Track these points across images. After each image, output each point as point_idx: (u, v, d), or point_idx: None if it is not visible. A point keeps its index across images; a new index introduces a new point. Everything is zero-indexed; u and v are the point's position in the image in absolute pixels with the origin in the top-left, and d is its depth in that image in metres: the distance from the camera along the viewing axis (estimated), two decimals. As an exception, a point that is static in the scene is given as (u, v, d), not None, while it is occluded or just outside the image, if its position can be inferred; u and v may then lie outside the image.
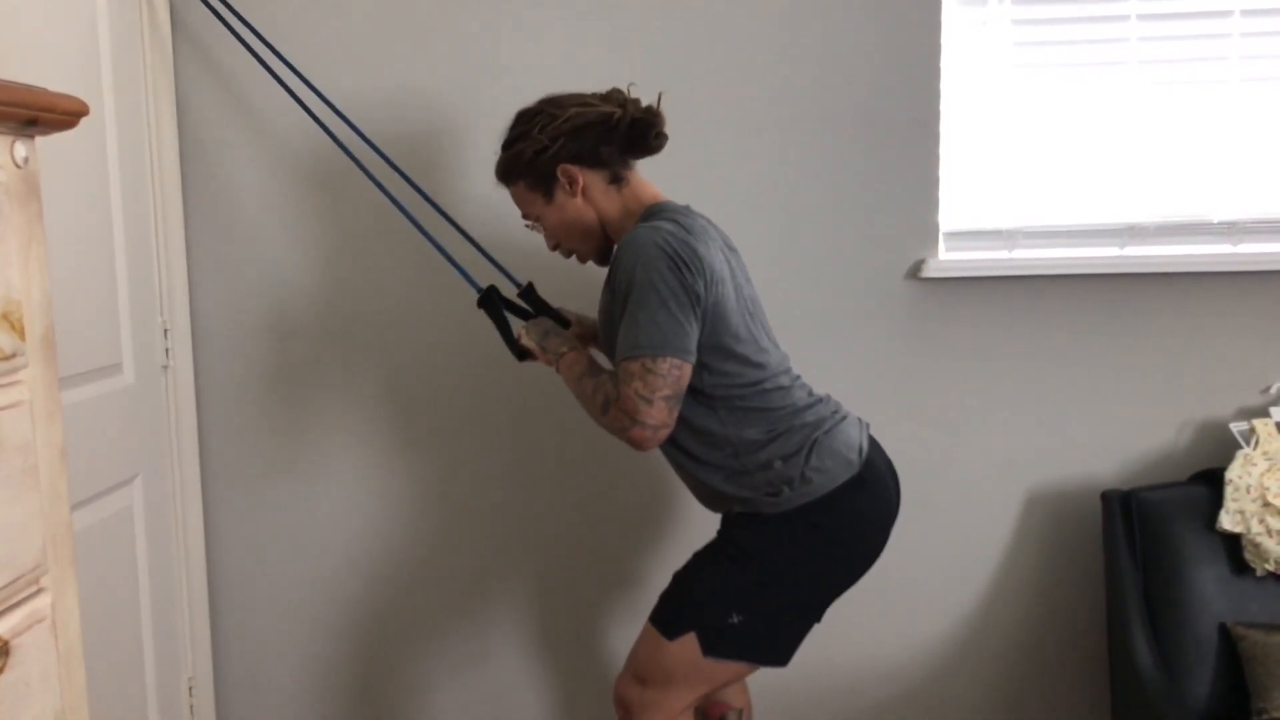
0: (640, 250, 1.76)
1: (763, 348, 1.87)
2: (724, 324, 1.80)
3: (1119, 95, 2.39)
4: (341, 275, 2.37)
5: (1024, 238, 2.42)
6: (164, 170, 2.30)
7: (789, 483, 1.82)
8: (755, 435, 1.84)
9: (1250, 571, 2.23)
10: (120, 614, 2.12)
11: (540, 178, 1.91)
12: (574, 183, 1.90)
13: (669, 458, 1.96)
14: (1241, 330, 2.39)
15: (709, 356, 1.81)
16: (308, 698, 2.53)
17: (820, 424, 1.86)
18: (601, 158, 1.90)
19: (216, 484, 2.46)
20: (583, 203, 1.92)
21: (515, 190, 1.97)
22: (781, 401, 1.86)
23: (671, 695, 1.89)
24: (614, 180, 1.92)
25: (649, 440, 1.77)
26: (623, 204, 1.93)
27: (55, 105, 1.11)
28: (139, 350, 2.19)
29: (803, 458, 1.82)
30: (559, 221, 1.94)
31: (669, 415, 1.76)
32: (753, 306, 1.90)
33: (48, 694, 1.10)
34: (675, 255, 1.74)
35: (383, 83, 2.35)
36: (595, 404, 1.83)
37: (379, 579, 2.50)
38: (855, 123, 2.36)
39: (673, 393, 1.75)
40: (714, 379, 1.82)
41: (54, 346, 1.15)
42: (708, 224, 1.89)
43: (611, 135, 1.89)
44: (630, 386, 1.74)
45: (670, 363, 1.73)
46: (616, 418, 1.78)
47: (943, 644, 2.50)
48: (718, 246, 1.84)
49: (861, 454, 1.87)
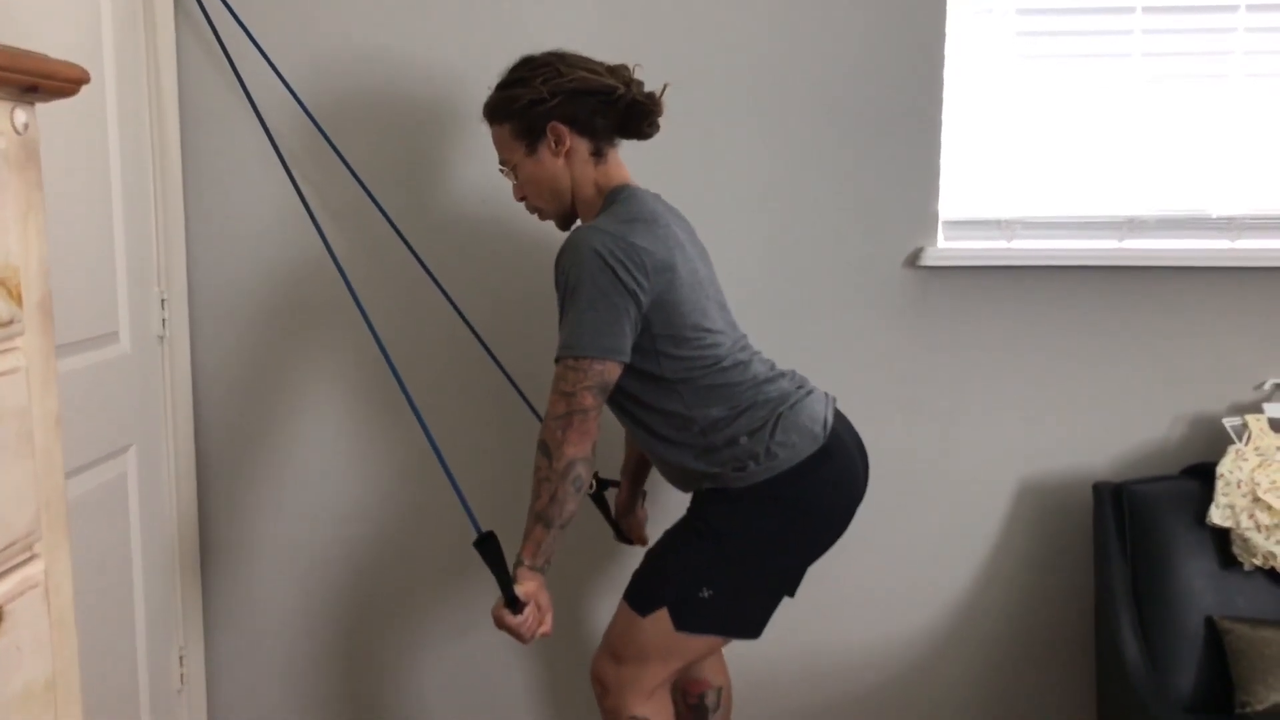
0: (576, 254, 1.78)
1: (718, 329, 1.88)
2: (675, 310, 1.82)
3: (1122, 88, 2.38)
4: (339, 247, 2.37)
5: (1023, 228, 2.42)
6: (164, 139, 2.29)
7: (754, 457, 1.84)
8: (720, 412, 1.86)
9: (1238, 566, 2.24)
10: (112, 583, 2.13)
11: (528, 128, 1.90)
12: (561, 143, 1.90)
13: (641, 443, 1.98)
14: (1237, 326, 2.40)
15: (664, 344, 1.83)
16: (298, 668, 2.54)
17: (785, 398, 1.88)
18: (594, 127, 1.91)
19: (210, 454, 2.46)
20: (563, 165, 1.92)
21: (498, 132, 1.95)
22: (741, 376, 1.88)
23: (647, 671, 1.92)
24: (596, 153, 1.93)
25: (589, 422, 1.77)
26: (595, 180, 1.94)
27: (56, 72, 1.11)
28: (135, 320, 2.19)
29: (768, 432, 1.85)
30: (533, 176, 1.94)
31: (595, 401, 1.78)
32: (710, 289, 1.91)
33: (39, 660, 1.11)
34: (610, 256, 1.76)
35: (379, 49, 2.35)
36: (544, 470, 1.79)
37: (369, 550, 2.50)
38: (857, 110, 2.36)
39: (596, 385, 1.78)
40: (672, 364, 1.85)
41: (51, 314, 1.15)
42: (659, 209, 1.89)
43: (609, 109, 1.90)
44: (557, 389, 1.79)
45: (593, 362, 1.77)
46: (554, 427, 1.78)
47: (931, 632, 2.51)
48: (668, 233, 1.85)
49: (826, 428, 1.88)
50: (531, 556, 1.81)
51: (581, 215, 1.97)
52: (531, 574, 1.81)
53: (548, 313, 2.33)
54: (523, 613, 1.79)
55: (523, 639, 1.81)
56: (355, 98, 2.36)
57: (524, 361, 2.36)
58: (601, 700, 1.98)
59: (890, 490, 2.44)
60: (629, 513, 2.30)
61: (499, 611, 1.80)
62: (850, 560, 2.42)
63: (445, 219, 2.39)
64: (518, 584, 1.80)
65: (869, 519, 2.41)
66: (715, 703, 2.14)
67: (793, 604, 1.97)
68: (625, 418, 1.96)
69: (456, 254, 2.40)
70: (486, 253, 2.40)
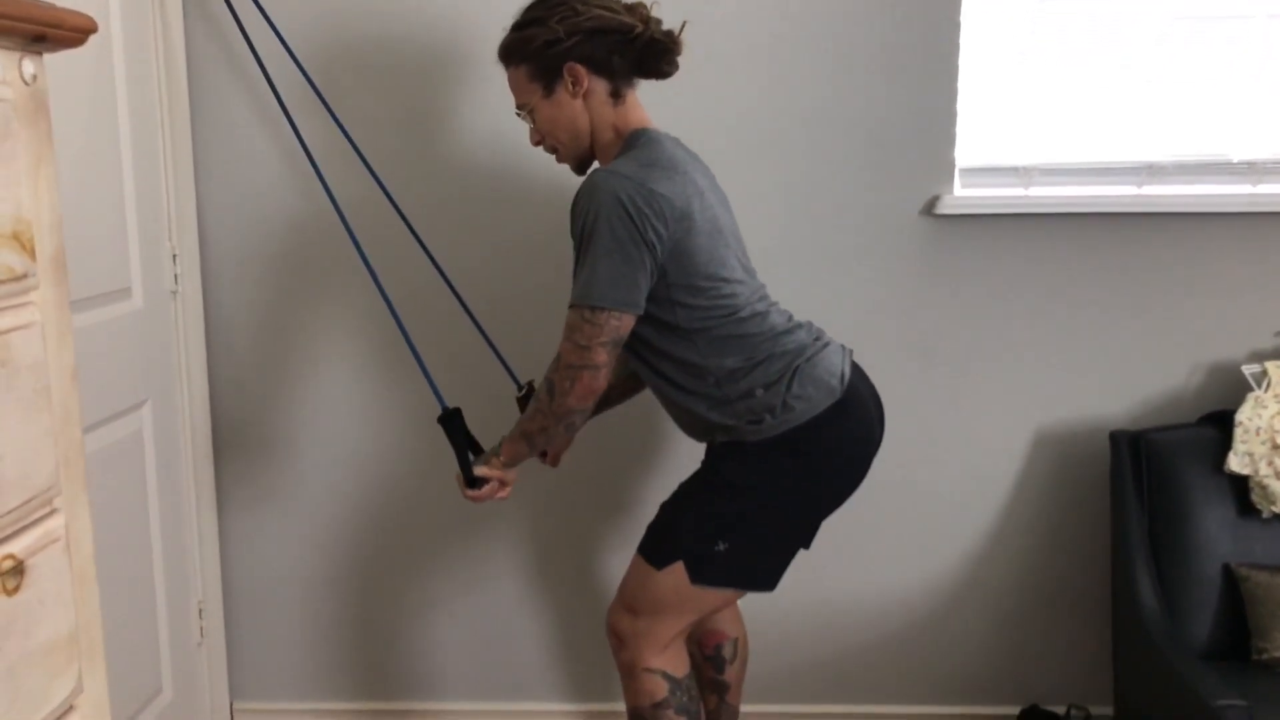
0: (594, 198, 1.76)
1: (736, 279, 1.86)
2: (691, 259, 1.80)
3: (1140, 29, 2.34)
4: (350, 201, 2.35)
5: (1041, 175, 2.39)
6: (172, 92, 2.27)
7: (770, 410, 1.83)
8: (735, 363, 1.85)
9: (1256, 513, 2.23)
10: (131, 537, 2.14)
11: (544, 69, 1.87)
12: (578, 84, 1.87)
13: (654, 389, 1.97)
14: (1257, 272, 2.37)
15: (679, 294, 1.82)
16: (314, 619, 2.56)
17: (801, 351, 1.87)
18: (611, 67, 1.87)
19: (225, 408, 2.47)
20: (581, 107, 1.89)
21: (514, 74, 1.92)
22: (758, 328, 1.86)
23: (662, 624, 1.92)
24: (614, 94, 1.90)
25: (598, 379, 1.80)
26: (614, 122, 1.91)
27: (63, 21, 1.09)
28: (148, 275, 2.18)
29: (784, 385, 1.83)
30: (551, 118, 1.91)
31: (609, 357, 1.79)
32: (731, 238, 1.89)
33: (62, 613, 1.11)
34: (629, 203, 1.74)
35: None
36: (544, 405, 1.86)
37: (384, 502, 2.51)
38: (872, 56, 2.32)
39: (610, 340, 1.78)
40: (688, 313, 1.83)
41: (65, 267, 1.14)
42: (680, 155, 1.87)
43: (627, 48, 1.86)
44: (570, 339, 1.79)
45: (609, 314, 1.76)
46: (564, 375, 1.80)
47: (948, 580, 2.51)
48: (687, 180, 1.82)
49: (844, 380, 1.87)
50: (508, 457, 1.94)
51: (600, 158, 1.95)
52: (499, 463, 1.95)
53: (554, 261, 2.32)
54: (480, 488, 1.94)
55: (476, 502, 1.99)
56: (362, 44, 2.34)
57: (530, 312, 2.36)
58: (618, 653, 1.99)
59: (907, 440, 2.43)
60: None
61: (459, 484, 1.96)
62: (866, 511, 2.41)
63: (452, 167, 2.37)
64: (487, 467, 1.94)
65: (885, 469, 2.40)
66: (732, 654, 2.15)
67: (808, 555, 1.97)
68: (640, 364, 1.94)
69: (461, 202, 2.38)
70: (495, 201, 2.38)
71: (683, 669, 1.97)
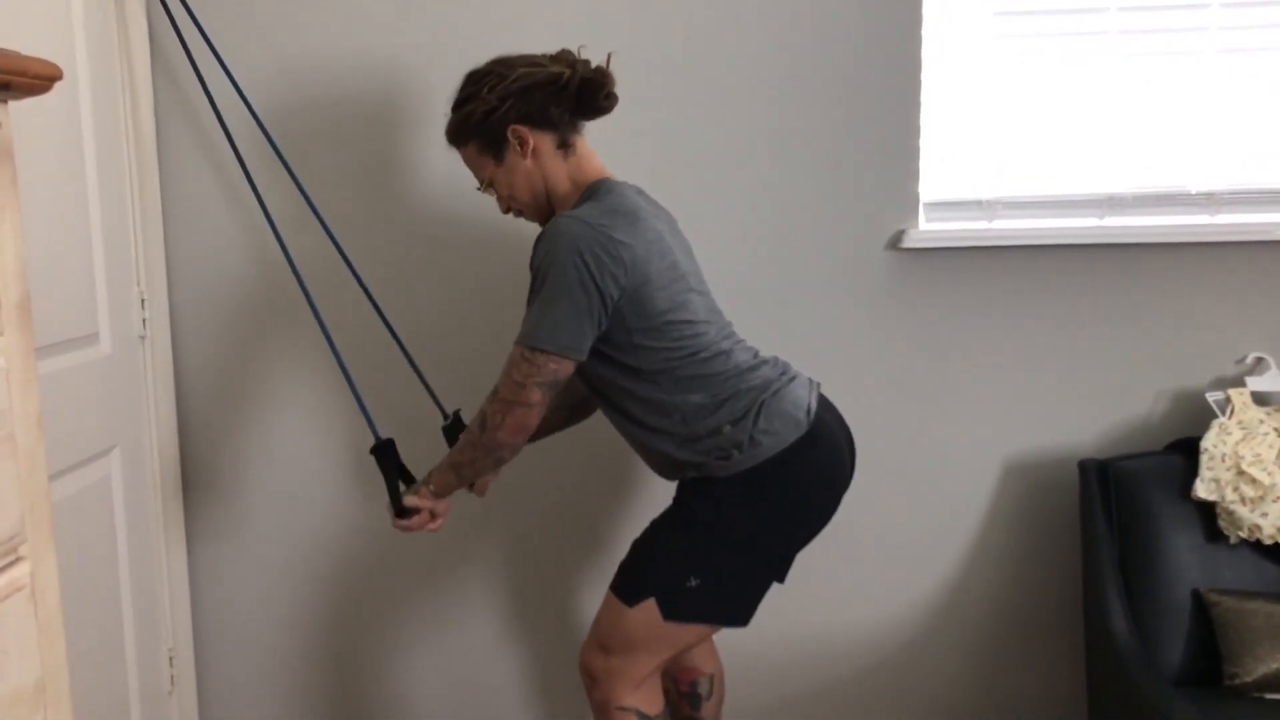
0: (555, 242, 1.79)
1: (700, 319, 1.88)
2: (652, 304, 1.82)
3: (1098, 65, 2.39)
4: (320, 243, 2.35)
5: (1004, 208, 2.42)
6: (140, 136, 2.27)
7: (738, 446, 1.84)
8: (701, 400, 1.86)
9: (1224, 539, 2.25)
10: (100, 585, 2.11)
11: (490, 140, 1.91)
12: (524, 144, 1.90)
13: (621, 430, 1.98)
14: (1218, 300, 2.41)
15: (640, 338, 1.84)
16: (288, 665, 2.53)
17: (767, 386, 1.88)
18: (551, 119, 1.90)
19: (195, 454, 2.45)
20: (532, 165, 1.92)
21: (466, 153, 1.97)
22: (722, 366, 1.88)
23: (636, 662, 1.92)
24: (562, 145, 1.93)
25: (530, 417, 1.83)
26: (568, 174, 1.94)
27: (27, 69, 1.09)
28: (116, 320, 2.17)
29: (750, 420, 1.85)
30: (509, 184, 1.95)
31: (543, 397, 1.82)
32: (693, 280, 1.92)
33: (27, 663, 1.10)
34: (586, 250, 1.77)
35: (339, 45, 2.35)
36: (474, 437, 1.89)
37: (356, 545, 2.50)
38: (835, 91, 2.36)
39: (546, 382, 1.81)
40: (650, 356, 1.85)
41: (30, 314, 1.14)
42: (640, 203, 1.90)
43: (561, 95, 1.89)
44: (508, 374, 1.82)
45: (548, 357, 1.79)
46: (497, 408, 1.84)
47: (919, 611, 2.52)
48: (647, 227, 1.85)
49: (810, 413, 1.88)
50: (437, 486, 1.97)
51: (559, 211, 1.96)
52: (430, 496, 1.97)
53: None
54: (410, 518, 1.97)
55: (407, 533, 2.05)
56: (323, 99, 2.35)
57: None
58: (590, 691, 1.98)
59: (876, 473, 2.44)
60: None
61: (388, 514, 1.99)
62: (838, 544, 2.42)
63: (416, 217, 2.39)
64: (416, 497, 1.96)
65: (856, 502, 2.41)
66: (708, 690, 2.15)
67: (783, 590, 1.97)
68: (607, 406, 1.96)
69: (426, 252, 2.40)
70: (458, 249, 2.40)
71: (656, 707, 1.96)
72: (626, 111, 2.05)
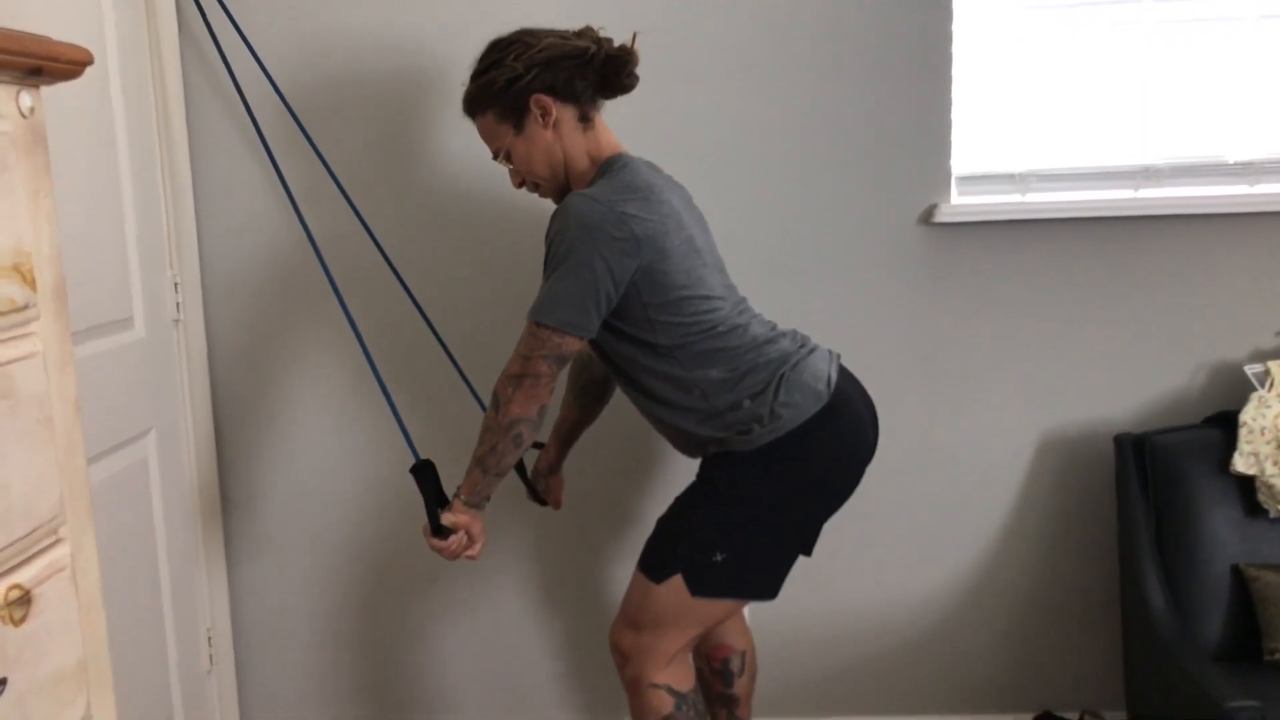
0: (567, 219, 1.79)
1: (715, 295, 1.88)
2: (667, 279, 1.82)
3: (1133, 34, 2.35)
4: (350, 225, 2.36)
5: (1037, 181, 2.40)
6: (170, 121, 2.28)
7: (759, 420, 1.84)
8: (719, 375, 1.86)
9: (1263, 513, 2.23)
10: (138, 567, 2.14)
11: (511, 107, 1.90)
12: (547, 114, 1.89)
13: (642, 410, 1.98)
14: (1257, 272, 2.37)
15: (656, 313, 1.84)
16: (324, 643, 2.56)
17: (786, 359, 1.88)
18: (575, 91, 1.90)
19: (229, 435, 2.47)
20: (553, 137, 1.91)
21: (483, 122, 1.95)
22: (739, 340, 1.88)
23: (665, 638, 1.92)
24: (583, 118, 1.92)
25: (540, 388, 1.82)
26: (587, 150, 1.93)
27: (59, 54, 1.10)
28: (150, 304, 2.19)
29: (770, 394, 1.84)
30: (527, 154, 1.93)
31: (550, 370, 1.81)
32: (708, 256, 1.91)
33: (69, 642, 1.12)
34: (598, 228, 1.76)
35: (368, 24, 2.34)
36: (490, 421, 1.87)
37: (387, 525, 2.51)
38: (866, 65, 2.33)
39: (552, 356, 1.81)
40: (667, 331, 1.85)
41: (65, 298, 1.15)
42: (654, 178, 1.89)
43: (586, 69, 1.89)
44: (517, 348, 1.83)
45: (553, 333, 1.79)
46: (506, 383, 1.83)
47: (956, 588, 2.51)
48: (661, 202, 1.84)
49: (830, 385, 1.88)
50: (468, 493, 1.91)
51: (575, 187, 1.96)
52: (465, 508, 1.91)
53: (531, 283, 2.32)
54: (447, 539, 1.91)
55: (446, 557, 1.94)
56: (348, 79, 2.35)
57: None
58: (622, 669, 1.99)
59: (910, 449, 2.43)
60: (551, 473, 2.29)
61: (425, 533, 1.93)
62: (872, 519, 2.42)
63: (439, 196, 2.39)
64: (452, 513, 1.90)
65: (890, 478, 2.41)
66: (740, 667, 2.15)
67: (815, 566, 1.96)
68: (627, 385, 1.96)
69: (450, 231, 2.40)
70: (480, 228, 2.40)
71: (688, 683, 1.97)
72: (659, 90, 2.04)
